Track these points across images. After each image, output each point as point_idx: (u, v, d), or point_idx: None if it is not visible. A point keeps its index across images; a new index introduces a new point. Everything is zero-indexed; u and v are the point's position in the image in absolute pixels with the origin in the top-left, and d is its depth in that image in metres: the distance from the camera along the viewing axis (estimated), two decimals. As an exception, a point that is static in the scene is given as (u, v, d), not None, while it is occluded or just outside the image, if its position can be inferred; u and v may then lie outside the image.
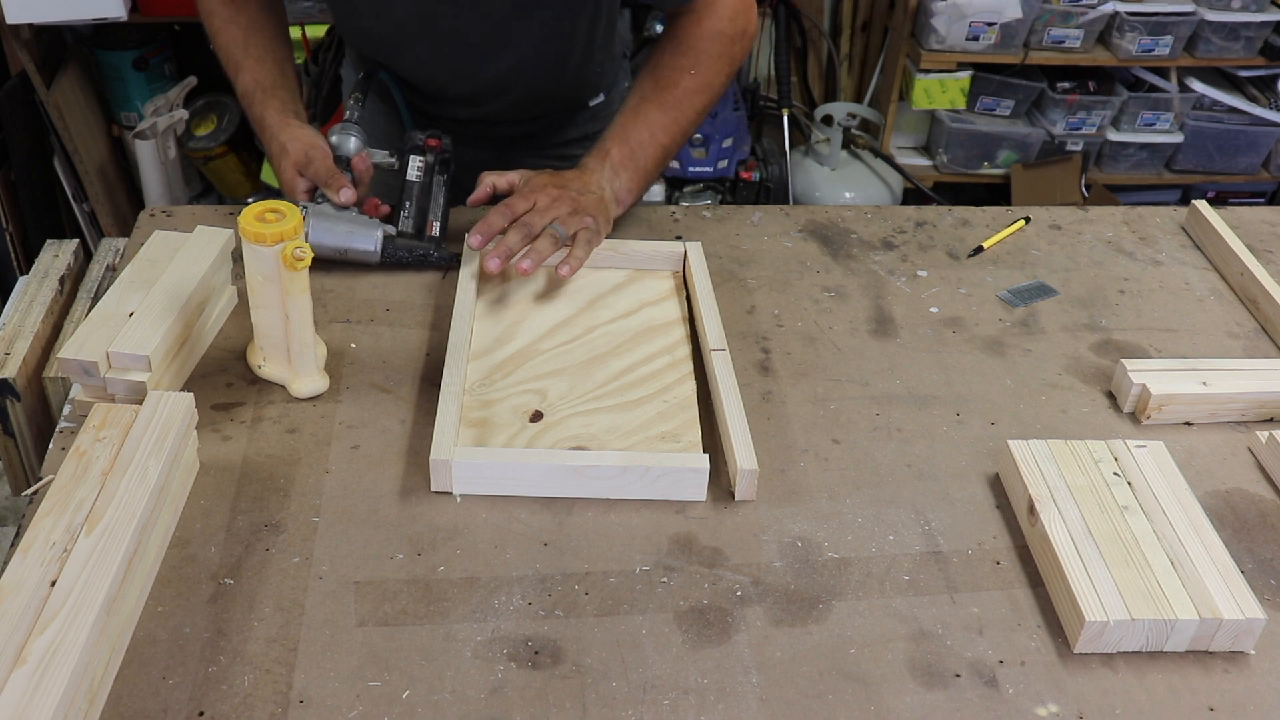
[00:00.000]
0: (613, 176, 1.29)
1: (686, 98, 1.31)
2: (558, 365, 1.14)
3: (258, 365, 1.11)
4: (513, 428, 1.06)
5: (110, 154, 2.81)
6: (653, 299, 1.25)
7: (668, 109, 1.31)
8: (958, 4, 2.85)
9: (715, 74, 1.33)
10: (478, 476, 0.99)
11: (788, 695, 0.85)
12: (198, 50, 2.90)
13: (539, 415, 1.08)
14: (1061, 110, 3.07)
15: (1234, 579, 0.91)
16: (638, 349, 1.17)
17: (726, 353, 1.13)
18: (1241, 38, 2.98)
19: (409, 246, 1.27)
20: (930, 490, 1.04)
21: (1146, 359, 1.21)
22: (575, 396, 1.10)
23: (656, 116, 1.30)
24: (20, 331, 1.24)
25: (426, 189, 1.30)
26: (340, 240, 1.24)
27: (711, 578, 0.94)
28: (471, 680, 0.84)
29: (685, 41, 1.33)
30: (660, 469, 0.99)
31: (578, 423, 1.07)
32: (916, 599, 0.93)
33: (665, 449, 1.04)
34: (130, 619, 0.86)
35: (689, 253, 1.28)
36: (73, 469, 0.89)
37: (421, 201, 1.30)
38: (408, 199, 1.30)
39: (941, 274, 1.34)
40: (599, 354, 1.16)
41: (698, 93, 1.32)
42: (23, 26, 2.47)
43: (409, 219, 1.29)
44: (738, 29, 1.33)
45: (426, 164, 1.31)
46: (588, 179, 1.27)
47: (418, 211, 1.29)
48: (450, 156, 1.32)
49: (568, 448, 1.03)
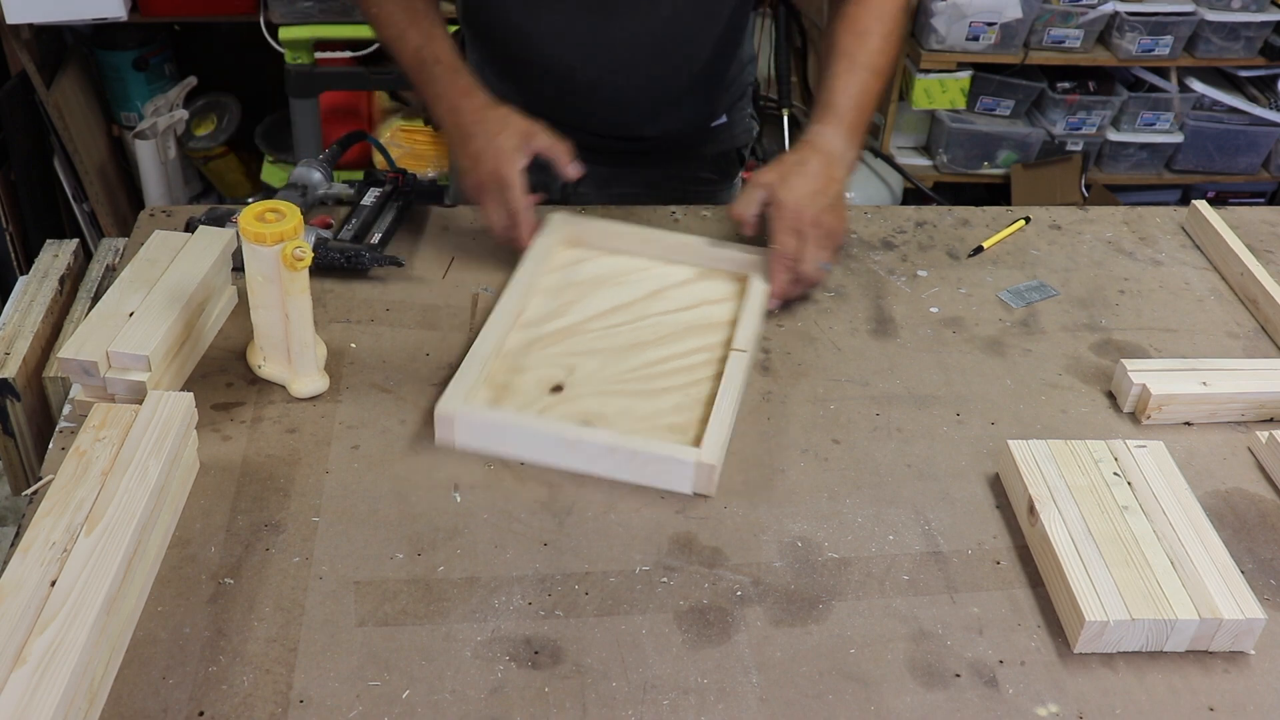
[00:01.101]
0: (846, 145, 1.27)
1: (886, 64, 1.32)
2: (597, 345, 1.16)
3: (258, 365, 1.11)
4: (531, 396, 1.09)
5: (110, 154, 2.81)
6: (714, 298, 1.25)
7: (878, 74, 1.30)
8: (958, 4, 2.85)
9: (900, 46, 1.35)
10: (478, 432, 1.03)
11: (788, 695, 0.85)
12: (198, 50, 2.90)
13: (559, 388, 1.09)
14: (1061, 110, 3.07)
15: (1234, 579, 0.91)
16: (680, 343, 1.18)
17: (748, 355, 1.13)
18: (1241, 38, 2.98)
19: (342, 249, 1.25)
20: (930, 490, 1.04)
21: (1146, 359, 1.21)
22: (602, 377, 1.12)
23: (869, 81, 1.29)
24: (20, 331, 1.24)
25: (377, 210, 1.32)
26: None
27: (711, 578, 0.94)
28: (471, 680, 0.85)
29: (880, 11, 1.32)
30: (647, 455, 1.00)
31: (594, 402, 1.09)
32: (916, 599, 0.93)
33: (664, 438, 1.04)
34: (130, 619, 0.86)
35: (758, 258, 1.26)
36: (73, 469, 0.89)
37: (368, 218, 1.30)
38: (354, 216, 1.30)
39: (941, 274, 1.34)
40: (641, 341, 1.17)
41: (892, 59, 1.33)
42: (23, 26, 2.47)
43: (350, 229, 1.28)
44: (909, 5, 1.40)
45: (384, 193, 1.33)
46: (830, 163, 1.24)
47: (361, 225, 1.29)
48: (411, 190, 1.34)
49: (574, 422, 1.05)
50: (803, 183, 1.22)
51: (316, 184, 1.33)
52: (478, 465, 1.03)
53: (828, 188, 1.23)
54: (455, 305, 1.23)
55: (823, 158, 1.24)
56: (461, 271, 1.28)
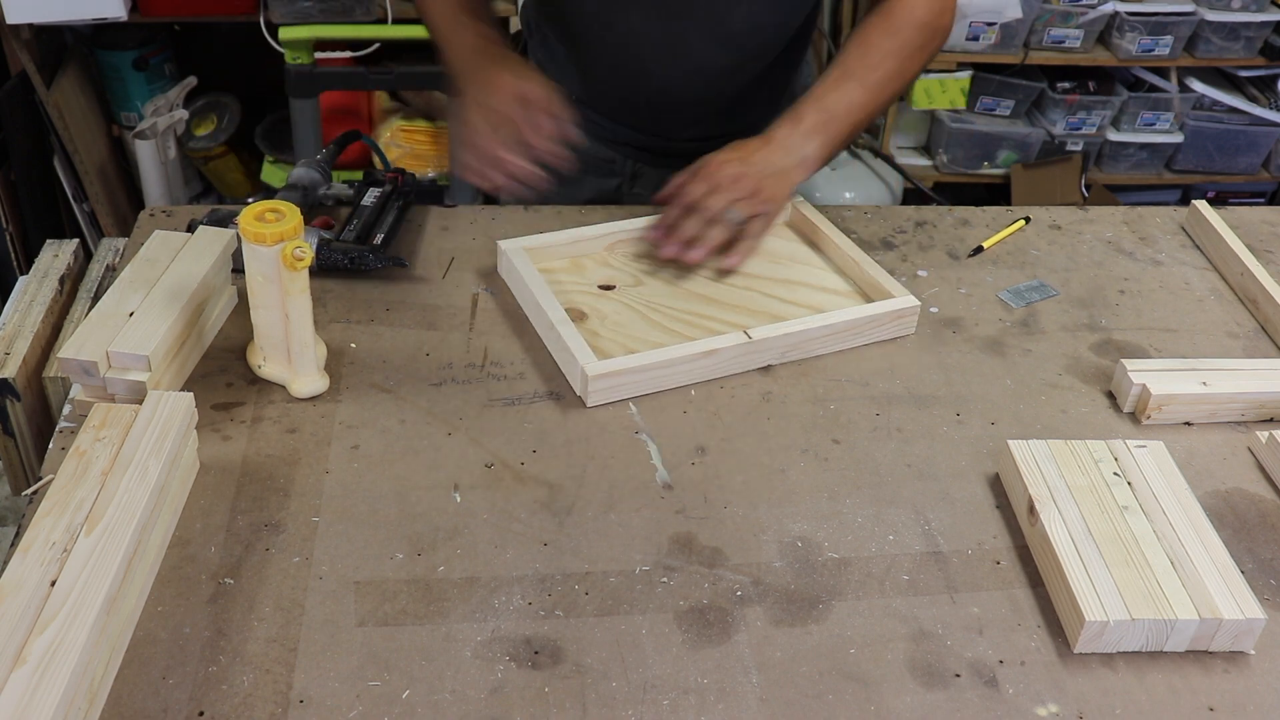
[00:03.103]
0: (803, 141, 1.27)
1: (886, 82, 1.29)
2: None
3: (258, 365, 1.11)
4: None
5: (110, 154, 2.81)
6: (832, 287, 1.28)
7: (869, 89, 1.28)
8: (958, 4, 2.85)
9: (914, 64, 1.31)
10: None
11: (788, 695, 0.85)
12: (198, 50, 2.90)
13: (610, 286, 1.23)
14: (1061, 110, 3.07)
15: (1234, 579, 0.91)
16: (735, 314, 1.22)
17: (745, 339, 1.14)
18: (1241, 38, 2.98)
19: (345, 250, 1.24)
20: (930, 490, 1.04)
21: (1146, 359, 1.21)
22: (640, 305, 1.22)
23: (857, 94, 1.28)
24: (20, 331, 1.24)
25: (378, 210, 1.31)
26: None
27: (711, 578, 0.94)
28: (471, 680, 0.85)
29: (896, 24, 1.30)
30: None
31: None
32: (916, 599, 0.93)
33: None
34: (130, 619, 0.86)
35: (898, 306, 1.22)
36: (73, 469, 0.89)
37: (370, 219, 1.30)
38: (356, 217, 1.30)
39: (941, 274, 1.34)
40: (712, 295, 1.24)
41: (895, 78, 1.30)
42: (23, 26, 2.47)
43: (352, 230, 1.28)
44: (942, 24, 1.32)
45: (384, 193, 1.33)
46: (773, 149, 1.26)
47: (363, 226, 1.29)
48: (411, 189, 1.33)
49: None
50: (732, 153, 1.25)
51: (316, 184, 1.33)
52: (478, 465, 1.03)
53: (761, 158, 1.24)
54: (455, 305, 1.23)
55: (765, 142, 1.26)
56: (461, 271, 1.28)
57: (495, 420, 1.08)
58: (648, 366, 1.11)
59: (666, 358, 1.11)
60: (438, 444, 1.05)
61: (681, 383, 1.14)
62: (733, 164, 1.24)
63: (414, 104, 2.84)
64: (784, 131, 1.27)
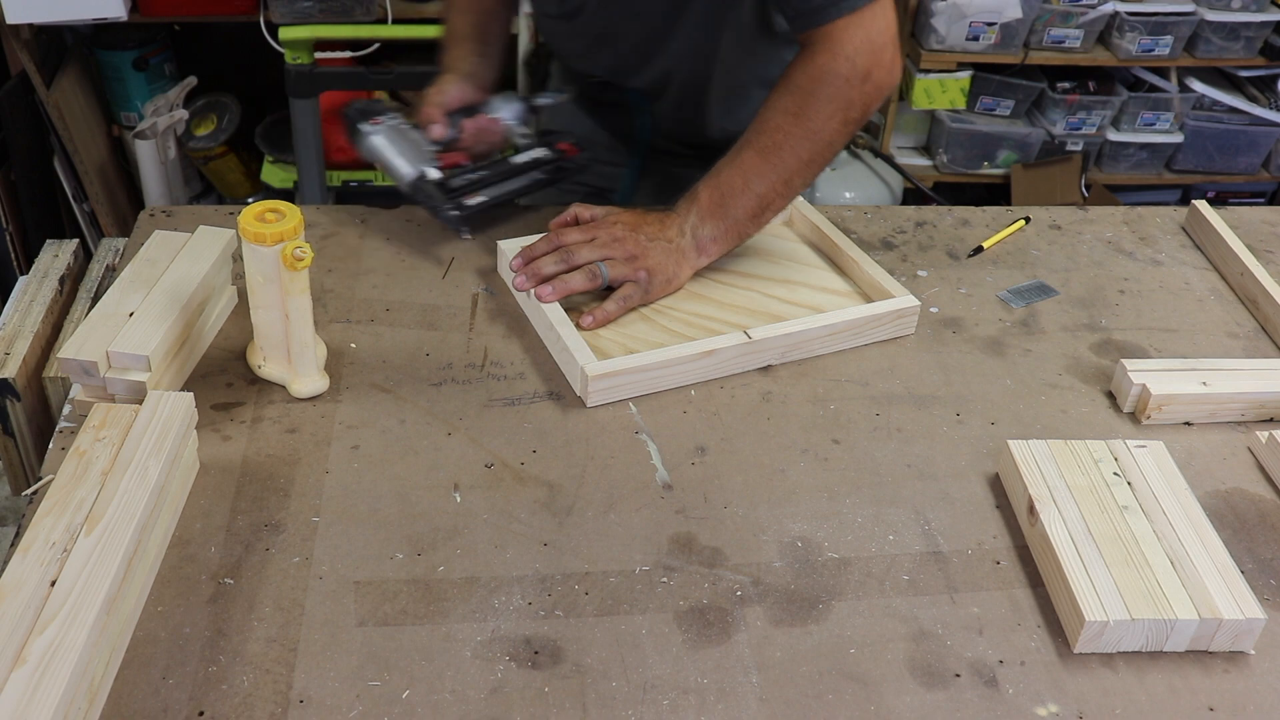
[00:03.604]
0: (698, 224, 1.22)
1: (788, 144, 1.19)
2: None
3: (258, 365, 1.11)
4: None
5: (110, 154, 2.81)
6: (832, 288, 1.28)
7: (766, 154, 1.19)
8: (958, 4, 2.85)
9: (824, 120, 1.18)
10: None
11: (788, 695, 0.85)
12: (198, 50, 2.90)
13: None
14: (1061, 110, 3.07)
15: (1234, 579, 0.91)
16: (735, 314, 1.22)
17: (745, 339, 1.14)
18: (1241, 38, 2.98)
19: (430, 194, 1.27)
20: (930, 490, 1.04)
21: (1146, 359, 1.21)
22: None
23: (753, 162, 1.20)
24: (20, 331, 1.24)
25: (509, 173, 1.32)
26: (390, 155, 1.30)
27: (711, 578, 0.94)
28: (471, 680, 0.85)
29: (793, 80, 1.19)
30: None
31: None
32: (916, 599, 0.93)
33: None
34: (130, 619, 0.86)
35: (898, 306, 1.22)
36: (73, 469, 0.89)
37: (491, 176, 1.30)
38: (484, 167, 1.31)
39: (941, 274, 1.34)
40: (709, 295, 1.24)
41: (801, 140, 1.18)
42: (23, 26, 2.47)
43: (463, 178, 1.29)
44: (857, 70, 1.16)
45: (537, 159, 1.33)
46: (668, 225, 1.21)
47: (479, 179, 1.30)
48: (567, 169, 1.35)
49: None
50: (627, 215, 1.22)
51: (510, 115, 1.36)
52: (478, 465, 1.03)
53: (652, 230, 1.20)
54: (455, 305, 1.23)
55: (661, 216, 1.23)
56: (461, 271, 1.28)
57: (495, 420, 1.08)
58: (648, 366, 1.11)
59: (666, 358, 1.11)
60: (438, 444, 1.05)
61: (681, 383, 1.14)
62: (620, 225, 1.20)
63: (414, 104, 2.84)
64: (681, 209, 1.23)
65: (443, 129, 1.31)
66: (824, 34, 1.17)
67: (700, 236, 1.22)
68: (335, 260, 1.29)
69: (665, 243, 1.21)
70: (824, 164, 1.22)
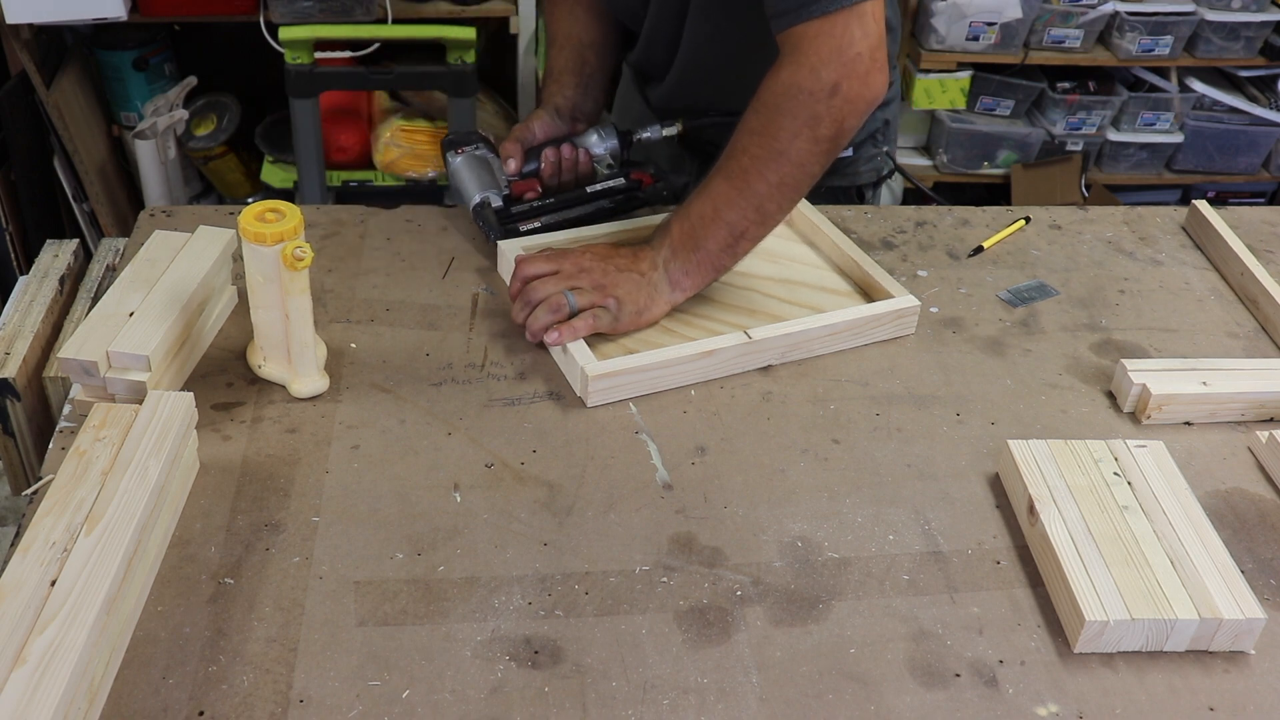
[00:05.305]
0: (669, 257, 1.18)
1: (754, 166, 1.12)
2: None
3: (258, 365, 1.11)
4: None
5: (110, 154, 2.81)
6: (832, 288, 1.28)
7: (733, 179, 1.14)
8: (958, 4, 2.85)
9: (789, 139, 1.10)
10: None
11: (788, 695, 0.85)
12: (198, 50, 2.90)
13: None
14: (1061, 110, 3.07)
15: (1234, 579, 0.91)
16: (735, 314, 1.23)
17: (745, 339, 1.14)
18: (1241, 38, 2.98)
19: (487, 219, 1.31)
20: (930, 490, 1.04)
21: (1146, 359, 1.21)
22: None
23: (721, 188, 1.15)
24: (20, 331, 1.24)
25: (577, 201, 1.35)
26: (462, 181, 1.36)
27: (711, 578, 0.94)
28: (471, 680, 0.85)
29: (760, 96, 1.13)
30: None
31: None
32: (916, 599, 0.93)
33: None
34: (130, 619, 0.86)
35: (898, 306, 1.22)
36: (73, 469, 0.89)
37: (560, 205, 1.34)
38: (552, 196, 1.35)
39: (941, 274, 1.34)
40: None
41: (767, 161, 1.11)
42: (23, 26, 2.47)
43: (526, 205, 1.33)
44: (823, 83, 1.08)
45: (607, 188, 1.36)
46: (640, 259, 1.18)
47: (541, 207, 1.33)
48: (638, 201, 1.36)
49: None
50: (598, 248, 1.21)
51: (595, 145, 1.39)
52: (478, 465, 1.03)
53: (622, 262, 1.18)
54: (455, 305, 1.23)
55: (634, 250, 1.20)
56: (461, 271, 1.29)
57: (495, 420, 1.08)
58: (647, 367, 1.11)
59: (666, 358, 1.11)
60: (438, 444, 1.05)
61: (681, 383, 1.14)
62: (589, 256, 1.18)
63: (414, 104, 2.84)
64: (654, 243, 1.20)
65: (517, 162, 1.35)
66: (793, 43, 1.11)
67: (672, 271, 1.18)
68: (335, 260, 1.29)
69: (637, 275, 1.17)
70: (799, 188, 1.15)
